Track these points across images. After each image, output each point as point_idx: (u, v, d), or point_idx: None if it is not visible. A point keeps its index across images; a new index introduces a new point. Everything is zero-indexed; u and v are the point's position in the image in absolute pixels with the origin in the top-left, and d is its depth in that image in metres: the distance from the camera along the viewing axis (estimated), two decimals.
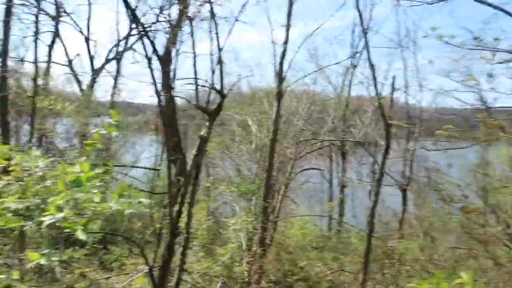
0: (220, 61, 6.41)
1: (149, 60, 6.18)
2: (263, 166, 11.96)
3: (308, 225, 14.45)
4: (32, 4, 11.41)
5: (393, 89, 8.33)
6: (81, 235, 2.09)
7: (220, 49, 6.40)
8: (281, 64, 10.29)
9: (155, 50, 6.26)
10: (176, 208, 6.10)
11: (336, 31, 24.93)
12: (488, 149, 10.94)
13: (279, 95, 10.49)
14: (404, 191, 15.12)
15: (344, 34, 23.48)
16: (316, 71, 13.32)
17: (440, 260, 9.37)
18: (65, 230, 2.11)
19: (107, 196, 2.46)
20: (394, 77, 8.67)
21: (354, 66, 16.57)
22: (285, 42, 10.21)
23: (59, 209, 2.04)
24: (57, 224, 2.02)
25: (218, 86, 6.52)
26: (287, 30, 10.17)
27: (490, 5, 11.99)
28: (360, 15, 7.80)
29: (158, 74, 7.03)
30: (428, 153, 15.96)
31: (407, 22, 25.18)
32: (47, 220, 1.96)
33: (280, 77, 10.50)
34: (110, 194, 2.44)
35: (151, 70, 6.23)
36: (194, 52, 6.58)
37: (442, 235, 10.78)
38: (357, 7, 7.67)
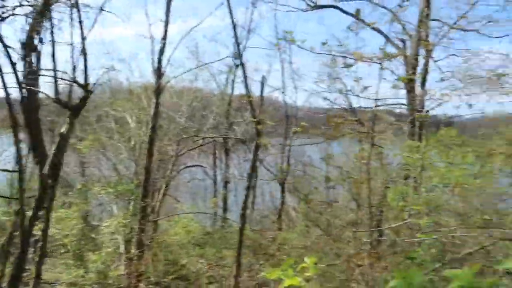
0: (84, 52, 5.91)
1: (3, 47, 5.44)
2: (142, 165, 11.52)
3: (192, 222, 14.39)
4: None
5: (262, 88, 8.73)
6: None
7: (83, 39, 5.90)
8: (159, 59, 10.01)
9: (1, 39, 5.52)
10: (30, 213, 5.47)
11: (219, 29, 25.27)
12: (350, 144, 12.23)
13: (158, 91, 10.20)
14: (282, 185, 16.00)
15: (227, 32, 24.01)
16: (194, 68, 13.30)
17: (312, 247, 10.17)
18: None
19: None
20: (263, 77, 9.14)
21: (237, 65, 17.01)
22: (164, 38, 9.94)
23: None
24: None
25: (81, 80, 6.02)
26: (166, 25, 9.93)
27: (352, 15, 13.33)
28: (232, 17, 7.99)
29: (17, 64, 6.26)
30: (304, 148, 17.27)
31: (285, 26, 26.78)
32: None
33: (158, 72, 10.22)
34: None
35: (4, 59, 5.48)
36: (53, 41, 5.97)
37: (315, 224, 11.74)
38: (230, 12, 7.85)
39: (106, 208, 12.31)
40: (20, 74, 6.48)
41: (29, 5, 7.12)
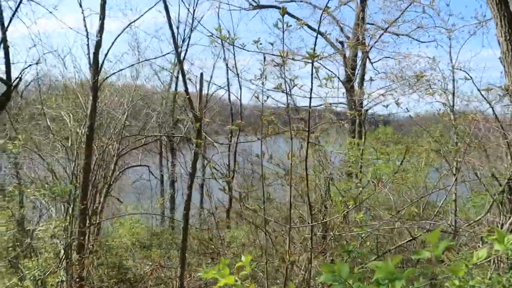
0: (5, 45, 5.49)
1: None
2: (81, 165, 10.96)
3: (138, 224, 14.00)
4: None
5: (201, 85, 8.64)
6: None
7: (4, 30, 5.48)
8: (95, 54, 9.54)
9: None
10: None
11: (162, 25, 24.67)
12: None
13: (95, 87, 9.73)
14: (229, 183, 15.97)
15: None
16: (134, 64, 12.88)
17: (255, 245, 10.21)
18: None
19: None
20: (201, 74, 9.04)
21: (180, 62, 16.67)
22: (100, 31, 9.49)
23: None
24: None
25: (2, 75, 5.60)
26: (102, 19, 9.49)
27: (293, 16, 13.57)
28: (167, 13, 7.83)
29: None
30: (251, 145, 17.38)
31: (229, 24, 26.83)
32: None
33: (95, 68, 9.76)
34: None
35: None
36: None
37: (251, 222, 11.77)
38: (165, 8, 7.69)
39: (43, 211, 11.59)
40: None
41: None
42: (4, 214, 9.80)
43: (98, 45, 9.43)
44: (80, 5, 9.83)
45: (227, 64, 16.02)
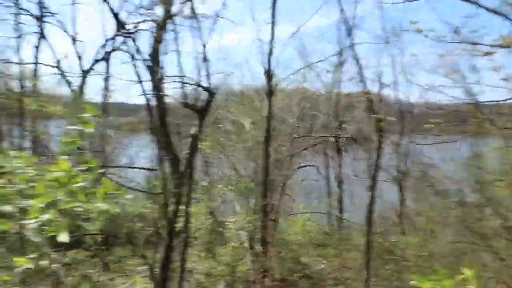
0: (205, 59, 6.36)
1: (133, 59, 6.17)
2: (259, 165, 11.88)
3: (309, 222, 14.38)
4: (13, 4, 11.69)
5: (381, 84, 8.28)
6: (63, 238, 1.97)
7: (204, 46, 6.35)
8: (268, 61, 10.22)
9: (138, 51, 6.26)
10: (172, 208, 6.02)
11: (324, 28, 24.70)
12: (479, 143, 10.88)
13: (270, 92, 10.41)
14: (400, 186, 15.07)
15: (331, 31, 23.48)
16: (302, 68, 13.29)
17: (442, 254, 9.27)
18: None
19: (95, 196, 2.29)
20: (381, 73, 8.64)
21: (342, 63, 16.46)
22: (271, 40, 10.14)
23: (43, 211, 1.92)
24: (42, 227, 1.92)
25: (205, 84, 6.48)
26: (273, 27, 10.13)
27: (469, 1, 11.91)
28: (343, 13, 7.75)
29: (147, 74, 7.00)
30: (421, 147, 15.96)
31: (392, 18, 25.25)
32: (31, 223, 1.86)
33: (269, 74, 10.44)
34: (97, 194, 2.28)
35: (136, 70, 6.22)
36: (178, 51, 6.56)
37: (441, 229, 10.69)
38: (340, 5, 7.63)
39: (229, 205, 12.98)
40: (152, 82, 7.19)
41: (152, 20, 7.88)
42: (202, 206, 11.28)
43: (270, 52, 10.11)
44: (253, 19, 10.91)
45: (393, 61, 15.10)
